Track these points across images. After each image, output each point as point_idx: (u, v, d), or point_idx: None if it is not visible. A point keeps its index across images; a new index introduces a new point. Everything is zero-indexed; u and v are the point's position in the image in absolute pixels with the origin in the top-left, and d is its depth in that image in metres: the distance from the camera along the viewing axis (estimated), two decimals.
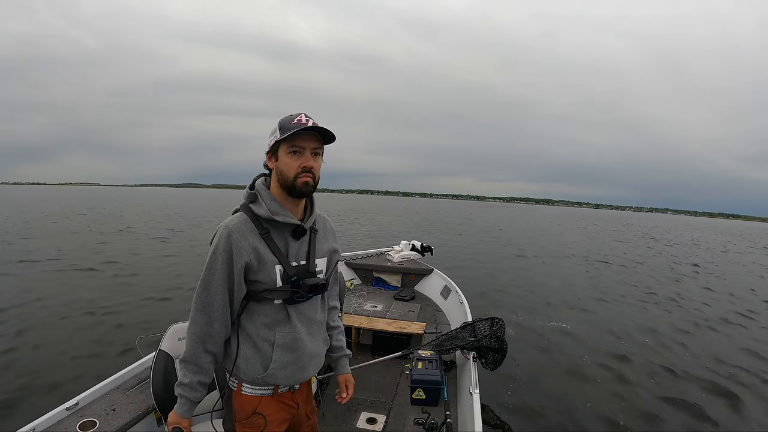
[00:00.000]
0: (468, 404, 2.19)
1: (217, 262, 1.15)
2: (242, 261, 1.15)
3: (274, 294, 1.19)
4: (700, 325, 6.51)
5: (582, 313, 6.76)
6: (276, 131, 1.17)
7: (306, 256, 1.25)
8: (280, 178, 1.19)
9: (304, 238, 1.25)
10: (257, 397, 1.23)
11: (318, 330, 1.32)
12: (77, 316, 5.31)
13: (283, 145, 1.16)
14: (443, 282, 4.73)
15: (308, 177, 1.17)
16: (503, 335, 2.68)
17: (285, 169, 1.17)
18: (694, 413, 3.64)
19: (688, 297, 8.57)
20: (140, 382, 2.12)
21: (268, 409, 1.24)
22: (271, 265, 1.18)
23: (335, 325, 1.47)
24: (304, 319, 1.25)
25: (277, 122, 1.18)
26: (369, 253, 5.70)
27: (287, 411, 1.29)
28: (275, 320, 1.21)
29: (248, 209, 1.20)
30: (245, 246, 1.15)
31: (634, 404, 3.71)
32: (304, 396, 1.35)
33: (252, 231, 1.17)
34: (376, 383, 2.89)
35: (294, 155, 1.16)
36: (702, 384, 4.24)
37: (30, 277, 7.46)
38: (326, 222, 1.38)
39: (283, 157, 1.17)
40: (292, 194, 1.19)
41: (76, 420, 1.78)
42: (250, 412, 1.22)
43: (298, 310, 1.23)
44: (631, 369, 4.50)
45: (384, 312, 4.00)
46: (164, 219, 21.72)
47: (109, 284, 7.11)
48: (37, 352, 4.18)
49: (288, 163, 1.17)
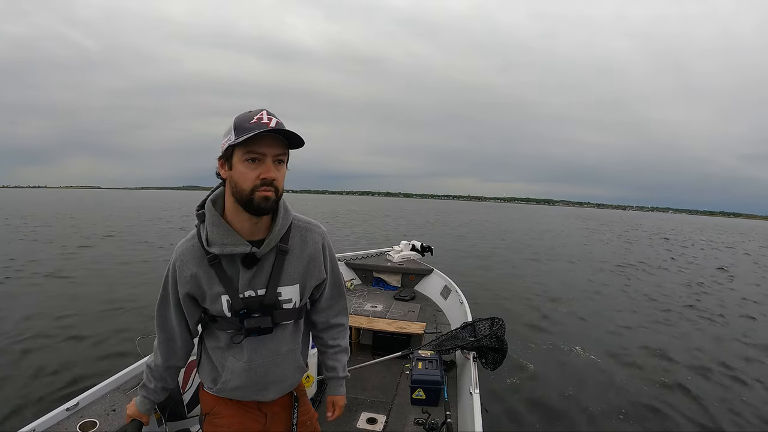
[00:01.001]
0: (468, 404, 2.19)
1: (168, 286, 1.10)
2: (184, 290, 1.07)
3: (221, 324, 1.09)
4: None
5: (588, 307, 6.75)
6: (230, 132, 0.95)
7: (266, 283, 1.07)
8: (235, 190, 0.98)
9: (265, 262, 1.06)
10: (215, 397, 1.18)
11: (285, 359, 1.15)
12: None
13: (238, 150, 0.95)
14: (443, 282, 4.73)
15: (269, 191, 0.96)
16: (503, 335, 2.68)
17: (240, 180, 0.96)
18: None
19: (730, 308, 7.60)
20: (140, 383, 2.12)
21: (225, 411, 1.18)
22: (216, 296, 1.05)
23: (334, 344, 1.30)
24: (265, 349, 1.11)
25: (232, 121, 0.96)
26: (369, 253, 5.70)
27: (250, 419, 1.19)
28: (225, 344, 1.11)
29: (198, 230, 1.06)
30: (186, 275, 1.05)
31: (636, 402, 3.71)
32: (278, 410, 1.24)
33: (197, 257, 1.04)
34: (376, 383, 2.89)
35: (252, 163, 0.95)
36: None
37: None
38: (307, 234, 1.13)
39: (238, 165, 0.96)
40: (249, 211, 0.99)
41: (77, 420, 1.78)
42: (208, 410, 1.21)
43: (256, 340, 1.10)
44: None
45: (384, 312, 4.00)
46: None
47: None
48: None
49: (244, 173, 0.95)
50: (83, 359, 4.07)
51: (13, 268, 8.24)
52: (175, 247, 1.09)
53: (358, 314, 3.79)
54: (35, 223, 18.65)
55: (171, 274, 1.09)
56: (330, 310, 1.26)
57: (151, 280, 7.43)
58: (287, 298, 1.10)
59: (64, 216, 24.14)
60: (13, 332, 4.68)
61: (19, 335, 4.61)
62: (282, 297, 1.09)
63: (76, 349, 4.30)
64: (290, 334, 1.16)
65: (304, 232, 1.13)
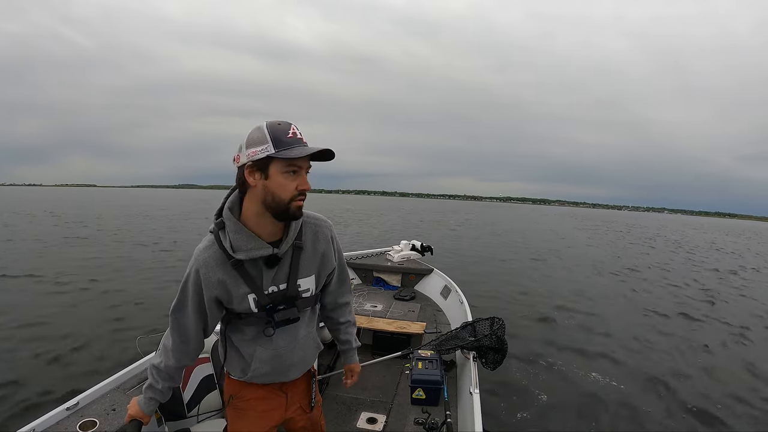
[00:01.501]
0: (468, 404, 2.19)
1: (188, 292, 1.14)
2: (212, 295, 1.13)
3: (248, 320, 1.18)
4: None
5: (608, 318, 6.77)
6: (267, 143, 1.00)
7: (287, 277, 1.17)
8: (271, 199, 1.04)
9: (284, 260, 1.16)
10: (240, 382, 1.27)
11: (305, 342, 1.28)
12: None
13: (278, 162, 1.01)
14: (443, 282, 4.73)
15: (302, 200, 1.07)
16: (503, 335, 2.68)
17: (279, 190, 1.03)
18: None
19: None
20: (140, 382, 2.12)
21: (250, 393, 1.28)
22: (243, 296, 1.14)
23: (344, 320, 1.46)
24: (288, 336, 1.23)
25: (265, 130, 1.01)
26: (369, 252, 5.70)
27: (273, 399, 1.30)
28: (254, 336, 1.20)
29: (218, 236, 1.11)
30: (213, 281, 1.11)
31: (639, 402, 3.72)
32: (297, 389, 1.36)
33: (221, 263, 1.11)
34: (376, 383, 2.89)
35: (291, 175, 1.03)
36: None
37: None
38: (317, 230, 1.24)
39: (276, 177, 1.02)
40: (282, 218, 1.09)
41: (77, 420, 1.78)
42: (233, 392, 1.30)
43: (283, 329, 1.21)
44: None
45: (384, 312, 4.00)
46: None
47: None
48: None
49: (284, 185, 1.03)
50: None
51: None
52: (194, 253, 1.14)
53: (358, 314, 3.79)
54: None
55: (194, 280, 1.13)
56: (338, 291, 1.40)
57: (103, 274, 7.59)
58: (305, 288, 1.22)
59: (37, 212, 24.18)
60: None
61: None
62: (301, 288, 1.21)
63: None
64: (308, 318, 1.28)
65: (314, 227, 1.24)
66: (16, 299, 6.06)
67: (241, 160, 1.04)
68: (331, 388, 2.77)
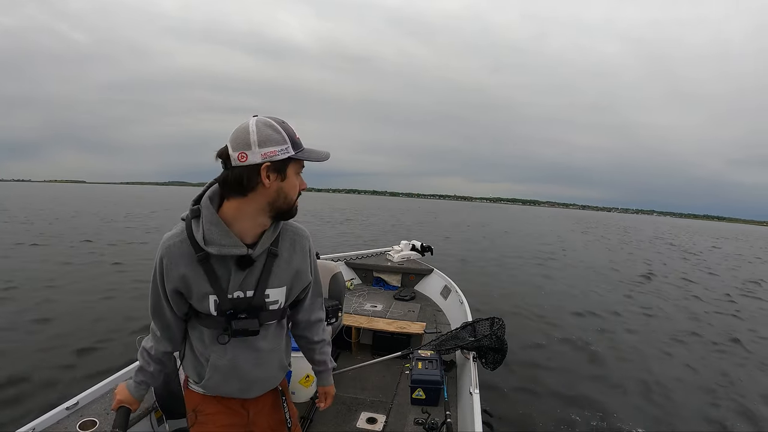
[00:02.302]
0: (468, 404, 2.19)
1: (156, 280, 1.09)
2: (171, 286, 1.06)
3: (205, 321, 1.10)
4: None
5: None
6: (287, 144, 0.98)
7: (255, 284, 1.09)
8: (281, 200, 1.02)
9: (256, 264, 1.08)
10: (199, 395, 1.19)
11: (268, 357, 1.18)
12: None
13: (294, 163, 1.01)
14: (443, 282, 4.73)
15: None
16: (503, 335, 2.68)
17: (291, 191, 1.03)
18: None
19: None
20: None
21: (209, 408, 1.19)
22: (204, 295, 1.06)
23: (318, 339, 1.35)
24: (247, 349, 1.13)
25: (280, 129, 0.98)
26: (369, 252, 5.70)
27: (233, 416, 1.20)
28: (209, 340, 1.12)
29: (189, 226, 1.04)
30: (173, 274, 1.04)
31: (640, 402, 3.71)
32: (261, 407, 1.24)
33: (186, 255, 1.03)
34: (376, 383, 2.89)
35: (298, 176, 1.04)
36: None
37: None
38: (296, 239, 1.17)
39: (292, 178, 1.02)
40: (283, 217, 1.07)
41: (76, 420, 1.78)
42: (193, 406, 1.21)
43: (241, 340, 1.12)
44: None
45: (384, 312, 4.00)
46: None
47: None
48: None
49: (295, 185, 1.03)
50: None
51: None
52: (162, 240, 1.07)
53: (358, 314, 3.79)
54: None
55: (158, 268, 1.07)
56: (311, 308, 1.31)
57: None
58: (274, 300, 1.13)
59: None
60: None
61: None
62: (269, 299, 1.12)
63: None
64: (273, 334, 1.19)
65: (293, 236, 1.17)
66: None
67: (252, 159, 0.95)
68: None
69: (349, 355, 3.34)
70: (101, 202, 35.86)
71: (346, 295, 3.57)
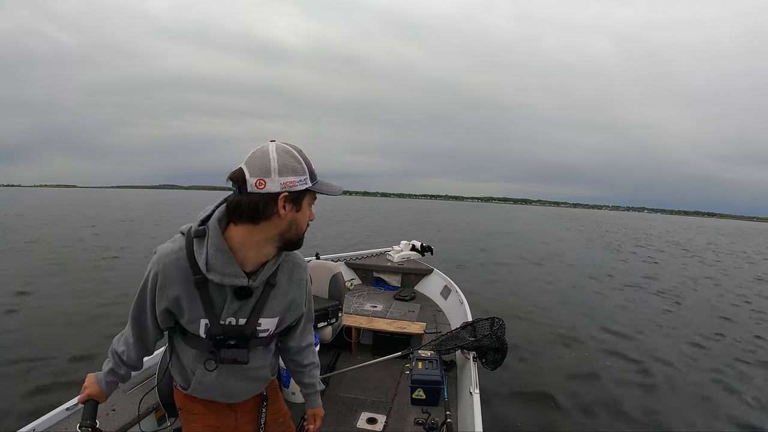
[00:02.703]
0: (468, 404, 2.19)
1: (145, 293, 1.06)
2: (162, 305, 1.04)
3: (193, 342, 1.09)
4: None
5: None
6: (306, 175, 0.95)
7: (249, 314, 1.07)
8: (292, 232, 1.01)
9: (254, 294, 1.06)
10: (186, 395, 1.20)
11: (254, 373, 1.19)
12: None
13: (310, 195, 1.00)
14: (443, 282, 4.73)
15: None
16: (503, 335, 2.67)
17: (303, 223, 1.02)
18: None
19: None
20: (140, 382, 2.12)
21: (196, 408, 1.21)
22: (196, 318, 1.04)
23: (308, 363, 1.34)
24: (234, 368, 1.13)
25: (300, 158, 0.95)
26: (369, 253, 5.70)
27: (220, 418, 1.22)
28: (195, 356, 1.12)
29: (191, 245, 1.00)
30: (167, 292, 1.01)
31: (641, 404, 3.71)
32: (249, 408, 1.27)
33: (182, 276, 1.00)
34: (376, 383, 2.89)
35: (310, 207, 1.03)
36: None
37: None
38: (293, 269, 1.15)
39: (306, 209, 1.00)
40: (289, 248, 1.05)
41: (76, 420, 1.77)
42: (180, 405, 1.23)
43: (224, 365, 1.12)
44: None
45: (384, 312, 4.00)
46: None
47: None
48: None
49: (306, 217, 1.02)
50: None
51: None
52: (157, 252, 1.03)
53: (358, 314, 3.79)
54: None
55: (151, 283, 1.03)
56: (302, 335, 1.31)
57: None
58: (264, 329, 1.13)
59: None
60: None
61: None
62: (260, 327, 1.11)
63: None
64: (260, 354, 1.19)
65: (291, 267, 1.15)
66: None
67: (270, 188, 0.92)
68: (332, 388, 2.77)
69: (349, 356, 3.34)
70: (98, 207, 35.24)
71: (346, 296, 3.57)
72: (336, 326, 2.98)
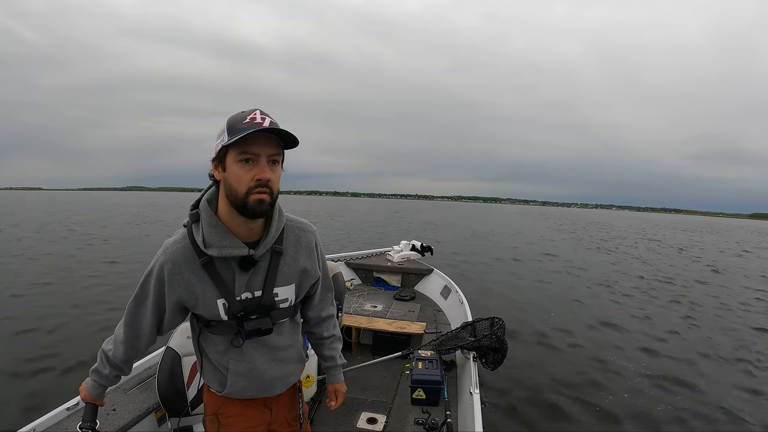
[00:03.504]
0: (468, 404, 2.19)
1: (149, 288, 1.05)
2: (174, 296, 1.03)
3: (218, 329, 1.08)
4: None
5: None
6: (223, 133, 0.94)
7: (262, 284, 1.07)
8: (229, 192, 0.97)
9: (261, 264, 1.06)
10: (221, 397, 1.18)
11: (286, 354, 1.18)
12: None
13: (231, 151, 0.94)
14: (443, 282, 4.73)
15: (263, 193, 0.95)
16: (503, 335, 2.67)
17: (234, 182, 0.95)
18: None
19: None
20: (141, 382, 2.12)
21: (232, 410, 1.18)
22: (212, 300, 1.04)
23: (328, 335, 1.34)
24: (263, 348, 1.13)
25: (225, 122, 0.95)
26: (369, 253, 5.71)
27: (257, 416, 1.20)
28: (225, 349, 1.11)
29: (191, 231, 1.02)
30: (177, 280, 1.02)
31: (644, 410, 3.71)
32: (282, 401, 1.26)
33: (189, 261, 1.01)
34: (376, 383, 2.89)
35: (246, 164, 0.94)
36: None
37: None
38: (300, 234, 1.14)
39: (232, 167, 0.95)
40: (243, 214, 0.97)
41: (77, 420, 1.78)
42: (214, 410, 1.20)
43: (256, 340, 1.11)
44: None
45: (384, 312, 4.00)
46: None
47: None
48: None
49: (238, 175, 0.94)
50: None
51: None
52: (162, 246, 1.04)
53: (358, 314, 3.79)
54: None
55: (157, 275, 1.03)
56: (321, 303, 1.29)
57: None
58: (284, 298, 1.12)
59: None
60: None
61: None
62: (278, 297, 1.11)
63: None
64: (289, 330, 1.18)
65: (297, 232, 1.14)
66: None
67: (212, 157, 1.00)
68: None
69: (349, 356, 3.34)
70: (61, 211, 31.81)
71: (346, 296, 3.57)
72: None
